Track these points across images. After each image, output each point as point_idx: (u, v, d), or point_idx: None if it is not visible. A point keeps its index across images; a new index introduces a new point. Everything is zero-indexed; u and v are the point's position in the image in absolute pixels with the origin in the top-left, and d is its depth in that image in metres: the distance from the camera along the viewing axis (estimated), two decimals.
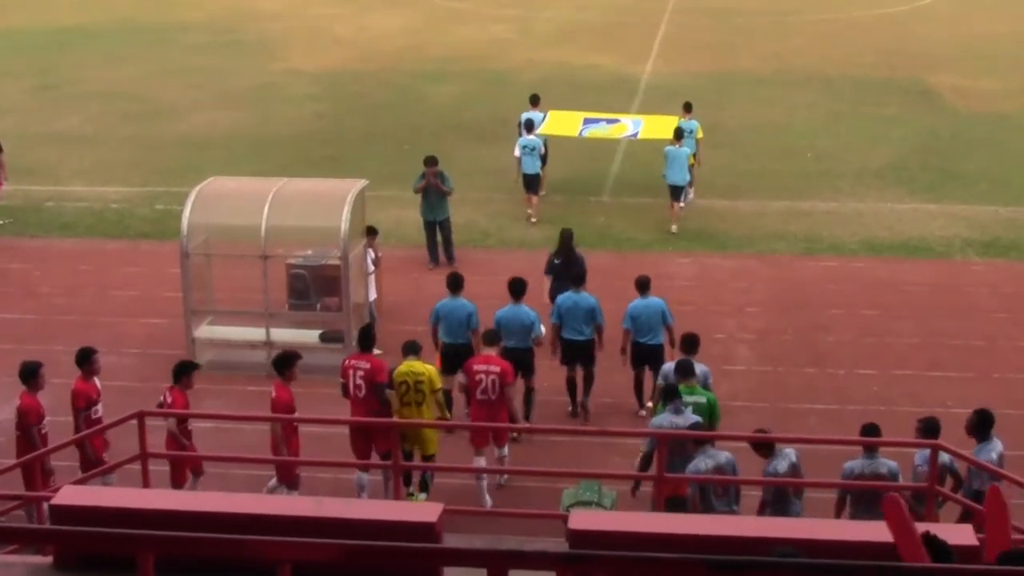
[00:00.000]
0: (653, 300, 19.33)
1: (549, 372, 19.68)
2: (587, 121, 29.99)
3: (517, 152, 28.60)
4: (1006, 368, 21.36)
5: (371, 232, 22.41)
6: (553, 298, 20.34)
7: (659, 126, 29.69)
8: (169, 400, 16.26)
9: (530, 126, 28.75)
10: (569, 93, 33.56)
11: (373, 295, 22.29)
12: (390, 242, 25.50)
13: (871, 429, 14.69)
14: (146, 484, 15.20)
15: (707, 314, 22.48)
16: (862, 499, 14.39)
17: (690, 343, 17.51)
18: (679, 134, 28.03)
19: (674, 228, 27.69)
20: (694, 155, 28.73)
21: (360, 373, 16.85)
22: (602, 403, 19.85)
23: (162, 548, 9.35)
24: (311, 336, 21.62)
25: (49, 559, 11.73)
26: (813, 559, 8.98)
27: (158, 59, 45.49)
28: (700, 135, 29.41)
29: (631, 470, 16.32)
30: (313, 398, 17.82)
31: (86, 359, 16.51)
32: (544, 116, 29.93)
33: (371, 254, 22.26)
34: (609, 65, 42.77)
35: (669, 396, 15.72)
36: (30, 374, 16.06)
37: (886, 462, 14.52)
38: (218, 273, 22.14)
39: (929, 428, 14.69)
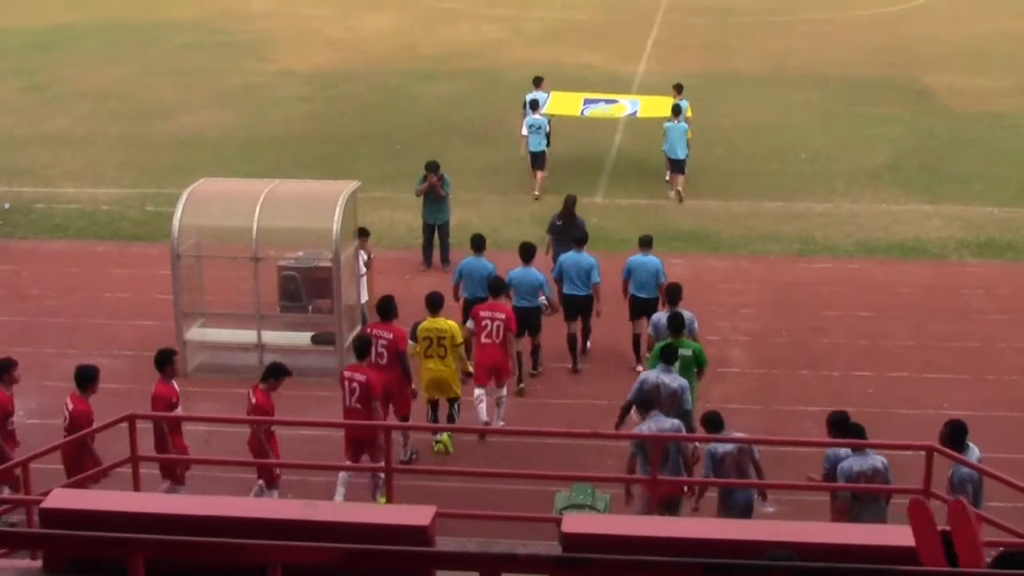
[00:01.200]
0: (651, 258, 21.10)
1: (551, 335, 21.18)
2: (587, 101, 31.51)
3: (524, 131, 30.21)
4: (1002, 370, 21.29)
5: (363, 234, 22.31)
6: (555, 258, 22.19)
7: (656, 105, 31.29)
8: (254, 401, 16.18)
9: (535, 105, 30.36)
10: None
11: (365, 297, 22.17)
12: (382, 244, 25.43)
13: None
14: (137, 488, 15.11)
15: (701, 316, 22.22)
16: (863, 497, 14.41)
17: (673, 293, 18.91)
18: (677, 110, 29.73)
19: (672, 194, 29.52)
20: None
21: (383, 342, 17.75)
22: (596, 406, 19.79)
23: (153, 552, 9.25)
24: (302, 338, 21.51)
25: (39, 563, 11.63)
26: (808, 563, 8.90)
27: (149, 59, 45.41)
28: (690, 113, 30.77)
29: (625, 473, 16.27)
30: (305, 400, 17.75)
31: (168, 361, 16.30)
32: (547, 96, 31.25)
33: (363, 256, 22.15)
34: (602, 65, 42.72)
35: (668, 357, 16.80)
36: (88, 379, 15.86)
37: (878, 457, 14.50)
38: (209, 275, 22.02)
39: (836, 423, 14.81)
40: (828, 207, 29.44)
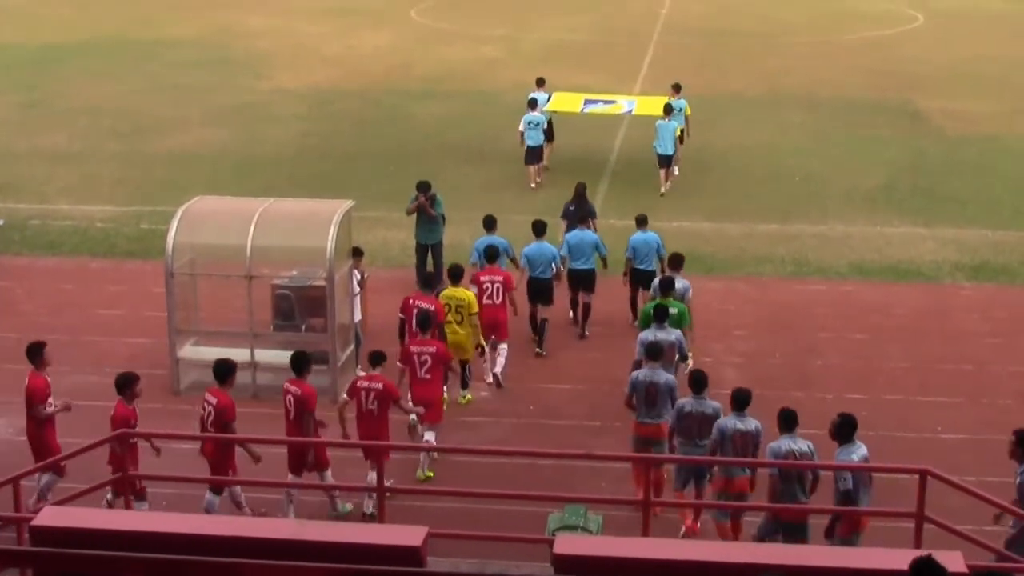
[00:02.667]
0: (650, 234, 23.28)
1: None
2: (587, 101, 34.18)
3: (521, 127, 32.54)
4: (996, 393, 21.27)
5: (357, 253, 22.28)
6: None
7: (651, 105, 33.46)
8: (381, 386, 17.13)
9: (534, 104, 32.89)
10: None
11: (358, 316, 22.14)
12: (376, 263, 25.43)
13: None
14: (128, 505, 15.08)
15: (694, 336, 22.37)
16: (789, 478, 15.17)
17: (676, 261, 21.32)
18: (668, 109, 32.14)
19: (663, 190, 31.51)
20: (682, 130, 32.55)
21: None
22: (589, 426, 19.78)
23: (143, 571, 9.24)
24: None
25: None
26: None
27: (145, 76, 45.45)
28: (688, 112, 33.26)
29: (618, 495, 16.29)
30: None
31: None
32: (549, 96, 34.04)
33: (357, 275, 22.12)
34: (597, 85, 42.60)
35: (659, 316, 18.74)
36: (227, 372, 16.79)
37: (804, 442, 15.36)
38: (203, 293, 21.99)
39: (738, 400, 15.92)
40: (822, 229, 29.48)
